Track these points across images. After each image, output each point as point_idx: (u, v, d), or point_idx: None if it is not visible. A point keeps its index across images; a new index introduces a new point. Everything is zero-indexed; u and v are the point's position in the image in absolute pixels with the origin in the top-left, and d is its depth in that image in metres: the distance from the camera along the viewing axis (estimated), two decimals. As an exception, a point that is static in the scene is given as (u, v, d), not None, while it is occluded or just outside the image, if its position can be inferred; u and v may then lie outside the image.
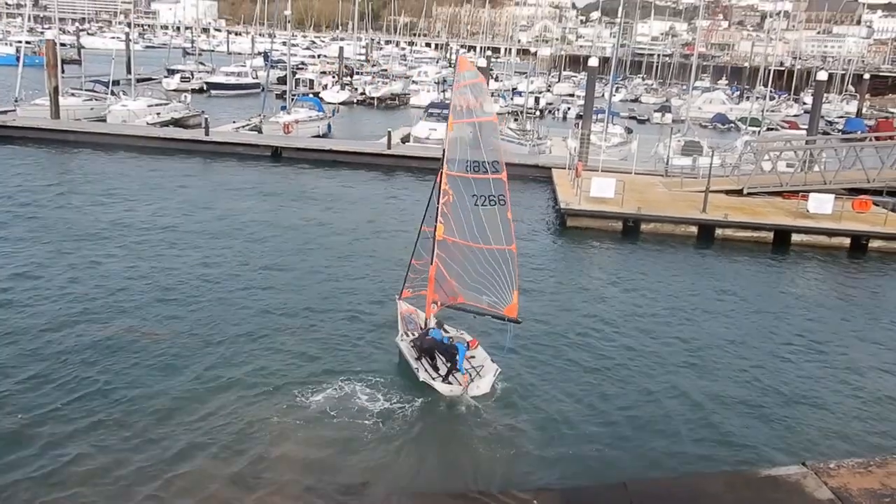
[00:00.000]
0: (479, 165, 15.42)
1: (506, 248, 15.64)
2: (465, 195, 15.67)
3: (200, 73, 79.44)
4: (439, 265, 16.58)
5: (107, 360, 15.73)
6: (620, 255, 27.53)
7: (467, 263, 16.11)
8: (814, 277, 26.45)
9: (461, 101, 15.55)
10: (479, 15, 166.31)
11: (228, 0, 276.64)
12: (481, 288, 16.15)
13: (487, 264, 15.86)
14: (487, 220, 15.55)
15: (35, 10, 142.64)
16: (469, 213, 15.73)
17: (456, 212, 15.97)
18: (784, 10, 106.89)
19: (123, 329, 17.36)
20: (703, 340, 19.13)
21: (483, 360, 16.15)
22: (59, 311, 18.09)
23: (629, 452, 13.68)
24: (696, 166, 38.67)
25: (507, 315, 16.06)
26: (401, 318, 17.88)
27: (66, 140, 41.78)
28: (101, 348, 16.26)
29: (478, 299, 16.28)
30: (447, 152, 15.86)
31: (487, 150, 15.38)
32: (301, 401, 14.48)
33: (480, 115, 15.39)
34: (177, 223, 26.80)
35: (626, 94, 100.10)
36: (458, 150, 15.69)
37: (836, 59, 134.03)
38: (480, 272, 16.00)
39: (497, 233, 15.58)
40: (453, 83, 16.21)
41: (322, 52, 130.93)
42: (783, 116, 79.74)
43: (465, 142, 15.58)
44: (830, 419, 15.52)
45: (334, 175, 38.59)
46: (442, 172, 16.01)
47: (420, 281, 17.68)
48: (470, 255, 16.03)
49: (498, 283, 15.95)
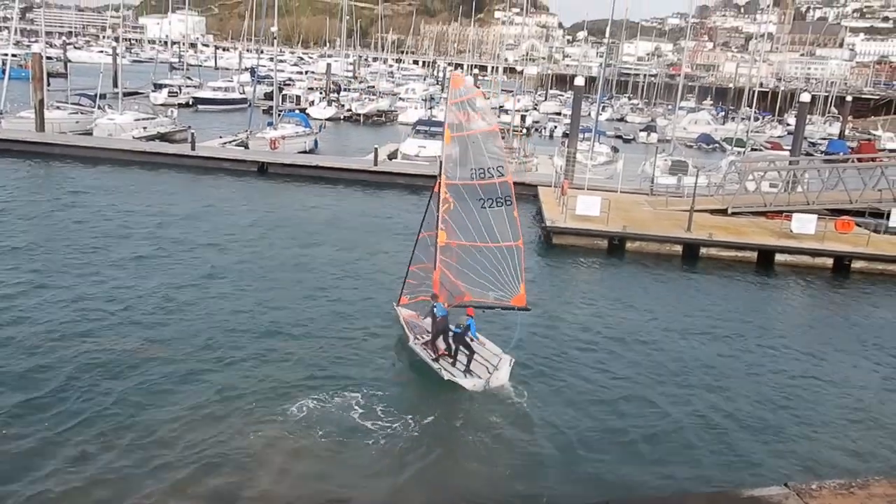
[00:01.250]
0: (485, 172, 16.59)
1: (513, 245, 16.88)
2: (469, 200, 16.86)
3: (188, 87, 79.34)
4: (443, 269, 17.73)
5: (95, 377, 15.58)
6: (606, 273, 27.60)
7: (473, 262, 17.24)
8: (797, 297, 26.61)
9: (459, 116, 16.62)
10: (466, 33, 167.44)
11: (216, 16, 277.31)
12: (487, 284, 17.27)
13: (495, 261, 17.01)
14: (495, 220, 16.77)
15: (22, 24, 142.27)
16: (475, 216, 16.91)
17: (458, 217, 17.13)
18: (768, 32, 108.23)
19: (115, 345, 17.20)
20: (687, 359, 19.16)
21: (497, 354, 17.04)
22: (45, 328, 17.90)
23: (612, 471, 13.64)
24: (682, 185, 38.94)
25: (516, 305, 17.24)
26: (405, 324, 18.65)
27: (50, 153, 41.52)
28: (88, 364, 16.10)
29: (484, 295, 17.35)
30: (445, 164, 16.91)
31: (491, 157, 16.53)
32: (296, 415, 14.54)
33: (481, 127, 16.53)
34: (162, 238, 26.59)
35: (613, 114, 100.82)
36: (460, 160, 16.78)
37: (819, 80, 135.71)
38: (488, 269, 17.11)
39: (505, 231, 16.81)
40: (448, 99, 17.10)
41: (309, 68, 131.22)
42: (767, 137, 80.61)
43: (467, 152, 16.61)
44: (813, 439, 15.55)
45: (320, 191, 38.53)
46: (439, 183, 17.17)
47: (418, 287, 18.78)
48: (476, 255, 17.15)
49: (505, 278, 17.13)
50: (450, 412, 15.40)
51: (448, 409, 15.56)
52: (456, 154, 16.92)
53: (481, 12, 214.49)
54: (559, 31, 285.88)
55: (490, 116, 17.44)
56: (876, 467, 14.28)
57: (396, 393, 16.01)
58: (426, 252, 18.41)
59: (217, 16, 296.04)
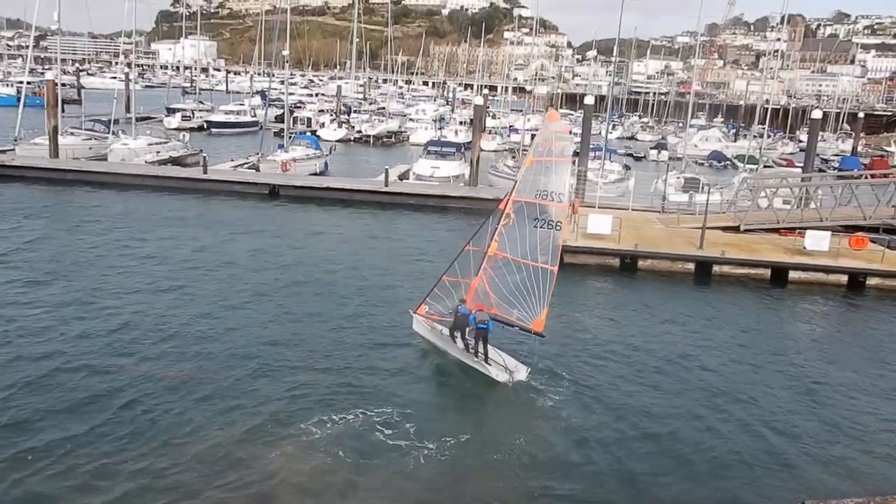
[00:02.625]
0: (548, 195, 18.30)
1: (549, 268, 18.29)
2: (526, 217, 18.57)
3: (200, 111, 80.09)
4: (483, 278, 19.24)
5: (114, 399, 15.66)
6: (618, 291, 27.42)
7: (510, 278, 18.76)
8: (812, 315, 26.31)
9: (546, 145, 18.32)
10: (475, 54, 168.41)
11: (227, 40, 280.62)
12: (514, 302, 18.72)
13: (529, 279, 18.46)
14: (542, 240, 18.37)
15: (36, 52, 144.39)
16: (526, 232, 18.54)
17: (512, 232, 18.76)
18: (779, 49, 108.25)
19: (130, 366, 17.28)
20: (700, 377, 18.96)
21: (515, 364, 18.36)
22: (61, 349, 18.01)
23: (624, 488, 13.50)
24: (693, 203, 38.78)
25: (534, 329, 18.55)
26: (425, 329, 20.21)
27: (64, 179, 41.89)
28: (102, 382, 16.18)
29: (509, 312, 18.81)
30: (520, 182, 18.79)
31: (556, 183, 18.31)
32: (317, 433, 14.76)
33: (559, 157, 18.30)
34: (176, 261, 26.70)
35: (623, 132, 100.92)
36: (531, 181, 18.52)
37: (831, 97, 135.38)
38: (520, 287, 18.57)
39: (546, 253, 18.36)
40: (542, 128, 19.34)
41: (320, 90, 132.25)
42: (779, 154, 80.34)
43: (540, 174, 18.38)
44: (829, 456, 15.36)
45: (332, 212, 38.63)
46: (508, 199, 18.94)
47: (442, 300, 19.97)
48: (515, 271, 18.68)
49: (531, 299, 18.50)
50: (470, 428, 15.56)
51: (468, 425, 15.80)
52: (532, 175, 18.53)
53: (491, 33, 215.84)
54: (568, 51, 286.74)
55: (568, 150, 19.02)
56: (893, 486, 14.01)
57: (416, 409, 16.17)
58: (464, 266, 19.65)
59: (228, 40, 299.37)
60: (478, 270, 19.22)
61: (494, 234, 19.03)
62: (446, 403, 17.40)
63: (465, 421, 16.11)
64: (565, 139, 18.68)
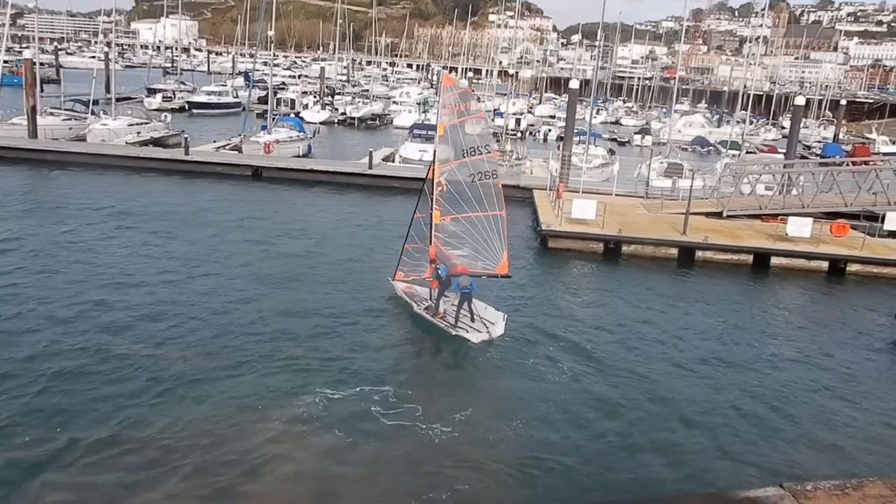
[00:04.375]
0: (475, 149, 19.78)
1: (498, 214, 19.90)
2: (460, 176, 19.94)
3: (182, 92, 79.14)
4: (438, 244, 20.62)
5: (99, 381, 15.51)
6: (602, 276, 27.51)
7: (464, 235, 20.19)
8: (793, 300, 26.55)
9: (455, 106, 19.77)
10: (460, 36, 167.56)
11: (209, 20, 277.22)
12: (475, 255, 20.30)
13: (483, 230, 19.96)
14: (484, 192, 19.81)
15: (13, 30, 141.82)
16: (466, 189, 19.87)
17: (450, 195, 20.11)
18: (762, 35, 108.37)
19: (111, 347, 17.12)
20: (681, 361, 19.07)
21: (491, 312, 19.95)
22: (43, 335, 17.78)
23: (603, 473, 13.58)
24: (677, 188, 38.91)
25: (500, 273, 20.32)
26: (406, 295, 21.43)
27: (44, 160, 41.28)
28: (94, 369, 16.01)
29: (473, 265, 20.30)
30: (439, 151, 20.05)
31: (480, 136, 19.94)
32: (309, 411, 14.86)
33: (471, 114, 19.99)
34: (157, 243, 26.44)
35: (607, 117, 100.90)
36: (452, 142, 19.87)
37: (814, 84, 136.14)
38: (476, 239, 20.07)
39: (491, 201, 19.84)
40: (440, 94, 20.56)
41: (303, 72, 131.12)
42: (762, 140, 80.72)
43: (460, 134, 19.75)
44: (808, 439, 15.52)
45: (315, 194, 38.41)
46: (433, 169, 20.20)
47: (413, 265, 21.50)
48: (467, 226, 20.13)
49: (490, 247, 20.10)
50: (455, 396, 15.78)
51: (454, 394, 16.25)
52: (449, 140, 19.95)
53: (475, 15, 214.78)
54: (553, 35, 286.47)
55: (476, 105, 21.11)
56: (871, 468, 14.20)
57: (404, 382, 16.71)
58: (420, 232, 21.19)
59: (209, 20, 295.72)
60: (430, 238, 20.70)
61: (432, 203, 20.38)
62: (428, 373, 17.72)
63: (450, 393, 16.30)
64: (468, 97, 20.35)
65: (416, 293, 21.63)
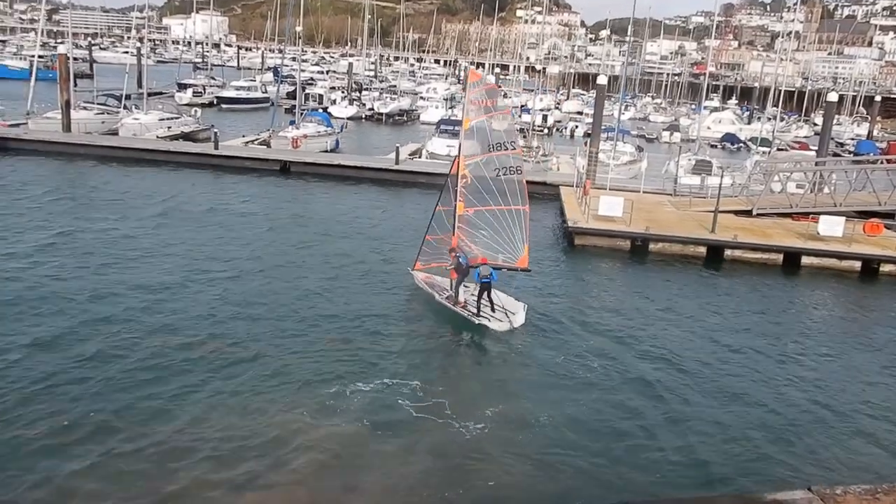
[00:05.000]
0: (502, 144, 20.27)
1: (521, 209, 20.39)
2: (485, 170, 20.38)
3: (212, 87, 79.92)
4: (460, 235, 20.98)
5: (133, 368, 15.78)
6: (629, 275, 27.34)
7: (486, 226, 20.65)
8: (824, 301, 26.18)
9: (478, 103, 20.18)
10: (487, 32, 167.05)
11: (239, 16, 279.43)
12: (496, 247, 20.70)
13: (506, 223, 20.45)
14: (508, 187, 20.27)
15: (49, 25, 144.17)
16: (490, 183, 20.35)
17: (475, 188, 20.49)
18: (795, 30, 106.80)
19: (140, 338, 17.42)
20: (709, 361, 18.91)
21: (512, 302, 20.34)
22: (73, 324, 18.09)
23: (629, 473, 13.51)
24: (705, 186, 38.52)
25: (520, 266, 20.84)
26: (426, 285, 21.77)
27: (76, 153, 41.95)
28: (124, 357, 16.28)
29: (494, 258, 20.62)
30: (465, 145, 20.44)
31: (506, 132, 20.44)
32: (335, 403, 15.07)
33: (498, 110, 20.53)
34: (184, 236, 26.77)
35: (635, 113, 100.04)
36: (477, 137, 20.28)
37: (848, 80, 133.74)
38: (499, 231, 20.53)
39: (515, 196, 20.33)
40: (467, 90, 20.85)
41: (331, 67, 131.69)
42: (793, 137, 79.57)
43: (486, 129, 20.17)
44: (838, 443, 15.30)
45: (342, 189, 38.61)
46: (458, 162, 20.57)
47: (432, 255, 21.85)
48: (490, 218, 20.57)
49: (512, 241, 20.57)
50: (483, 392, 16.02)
51: (482, 389, 16.43)
52: (475, 134, 20.34)
53: (503, 11, 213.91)
54: (581, 30, 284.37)
55: (502, 103, 21.64)
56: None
57: (431, 375, 16.97)
58: (441, 224, 21.57)
59: (240, 16, 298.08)
60: (454, 228, 21.06)
61: (457, 195, 20.77)
62: (455, 367, 18.05)
63: (478, 388, 16.59)
64: (494, 93, 20.89)
65: (435, 283, 21.94)
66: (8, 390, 14.71)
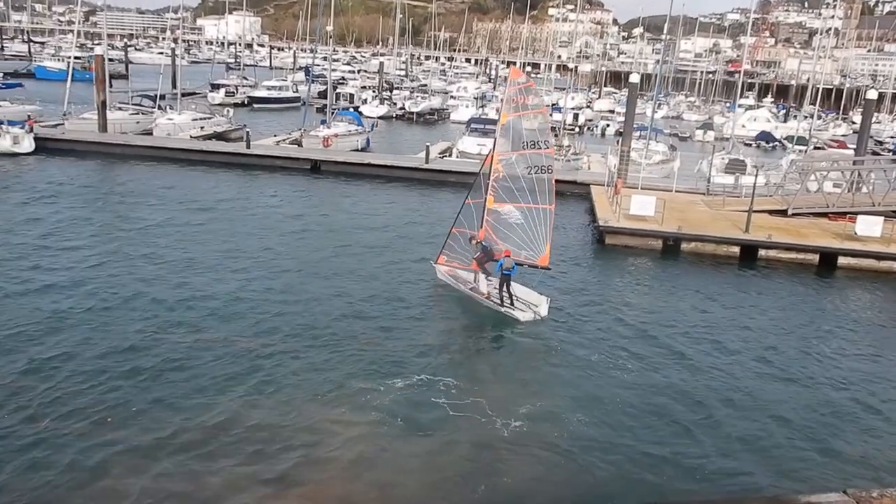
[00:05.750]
0: (536, 143, 20.74)
1: (548, 208, 20.83)
2: (517, 167, 20.90)
3: (244, 87, 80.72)
4: (488, 229, 21.47)
5: (173, 367, 15.98)
6: (660, 274, 27.00)
7: (513, 223, 21.11)
8: (861, 302, 25.57)
9: (517, 99, 20.74)
10: (519, 31, 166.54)
11: (272, 16, 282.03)
12: (521, 244, 21.11)
13: (532, 220, 20.88)
14: (538, 185, 20.78)
15: (85, 27, 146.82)
16: (521, 180, 20.86)
17: (506, 184, 21.01)
18: (833, 27, 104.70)
19: (179, 337, 17.59)
20: (744, 362, 18.61)
21: (535, 296, 20.69)
22: (110, 322, 18.37)
23: (666, 471, 13.38)
24: (739, 185, 37.92)
25: (541, 264, 21.18)
26: (450, 278, 22.36)
27: (112, 153, 42.62)
28: (163, 356, 16.52)
29: (517, 254, 20.98)
30: (499, 141, 21.01)
31: (541, 132, 20.86)
32: (361, 402, 15.13)
33: (534, 108, 21.01)
34: (217, 234, 27.04)
35: (668, 111, 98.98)
36: (513, 134, 20.83)
37: (888, 77, 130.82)
38: (524, 229, 20.96)
39: (544, 195, 20.80)
40: (508, 86, 21.50)
41: (362, 66, 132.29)
42: (831, 136, 78.09)
43: (521, 127, 20.73)
44: (876, 445, 14.98)
45: (373, 188, 38.71)
46: (492, 156, 21.13)
47: (458, 249, 22.22)
48: (518, 215, 21.04)
49: (535, 238, 20.98)
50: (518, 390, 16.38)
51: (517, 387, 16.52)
52: (510, 131, 20.81)
53: (535, 9, 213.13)
54: (614, 28, 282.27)
55: (539, 100, 21.69)
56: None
57: (465, 371, 17.07)
58: (469, 217, 21.96)
59: (272, 16, 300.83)
60: (481, 222, 21.54)
61: (488, 189, 21.23)
62: (488, 364, 18.13)
63: (513, 385, 16.68)
64: (531, 91, 21.24)
65: (458, 275, 22.39)
66: (45, 386, 14.99)
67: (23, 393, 14.61)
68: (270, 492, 12.17)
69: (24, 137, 40.74)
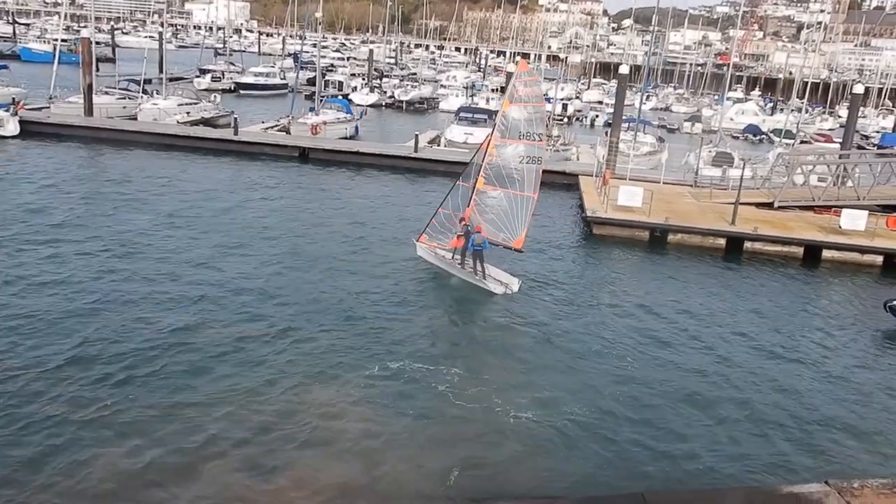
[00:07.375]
0: (531, 135, 21.81)
1: (530, 196, 21.97)
2: (511, 156, 21.91)
3: (231, 73, 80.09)
4: (474, 208, 22.46)
5: (168, 353, 16.12)
6: (647, 265, 27.17)
7: (496, 206, 22.23)
8: (844, 295, 25.82)
9: (522, 91, 21.67)
10: (509, 20, 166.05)
11: (261, 1, 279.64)
12: (500, 226, 22.32)
13: (514, 206, 22.01)
14: (527, 175, 21.89)
15: (72, 9, 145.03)
16: (512, 168, 21.92)
17: (497, 168, 22.04)
18: (821, 21, 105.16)
19: (169, 322, 17.58)
20: (727, 354, 18.78)
21: (506, 276, 22.14)
22: (95, 309, 18.28)
23: (649, 463, 13.51)
24: (727, 177, 38.12)
25: (515, 247, 22.45)
26: (430, 254, 23.46)
27: (98, 137, 42.21)
28: (159, 342, 16.57)
29: (495, 234, 22.29)
30: (500, 126, 21.91)
31: (537, 125, 21.89)
32: (354, 389, 15.23)
33: (536, 102, 22.01)
34: (205, 221, 26.93)
35: (657, 103, 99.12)
36: (511, 123, 21.76)
37: (874, 72, 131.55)
38: (507, 212, 22.07)
39: (530, 184, 21.94)
40: (514, 77, 22.19)
41: (351, 54, 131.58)
42: (817, 129, 78.50)
43: (521, 118, 21.70)
44: (857, 437, 15.19)
45: (361, 176, 38.61)
46: (488, 141, 22.16)
47: (440, 230, 23.15)
48: (503, 200, 22.13)
49: (514, 222, 22.15)
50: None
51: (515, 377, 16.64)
52: (512, 119, 21.74)
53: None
54: (604, 19, 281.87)
55: (542, 95, 22.80)
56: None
57: (464, 359, 17.24)
58: (455, 199, 22.95)
59: (261, 1, 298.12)
60: (469, 202, 22.46)
61: (480, 170, 22.22)
62: (487, 352, 18.25)
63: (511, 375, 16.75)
64: (536, 84, 22.30)
65: (438, 252, 23.40)
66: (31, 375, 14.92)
67: (9, 381, 14.55)
68: (268, 478, 12.20)
69: (10, 120, 40.34)
